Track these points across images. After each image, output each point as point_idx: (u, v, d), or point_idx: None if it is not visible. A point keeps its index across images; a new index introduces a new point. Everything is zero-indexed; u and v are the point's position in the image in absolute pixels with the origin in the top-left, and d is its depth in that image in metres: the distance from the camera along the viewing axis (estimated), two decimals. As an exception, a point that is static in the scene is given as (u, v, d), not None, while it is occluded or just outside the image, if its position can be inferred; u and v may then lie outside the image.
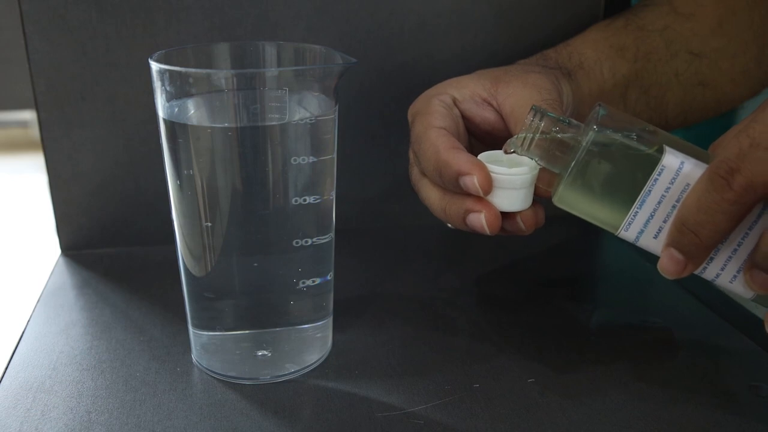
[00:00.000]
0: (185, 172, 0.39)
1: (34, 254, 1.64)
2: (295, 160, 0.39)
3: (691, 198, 0.35)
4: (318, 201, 0.41)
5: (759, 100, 0.56)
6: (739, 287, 0.37)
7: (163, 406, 0.40)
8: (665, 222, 0.37)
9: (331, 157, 0.41)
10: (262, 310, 0.42)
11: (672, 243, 0.36)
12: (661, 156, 0.36)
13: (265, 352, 0.43)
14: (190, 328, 0.44)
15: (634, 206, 0.37)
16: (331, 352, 0.45)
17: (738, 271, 0.37)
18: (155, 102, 0.40)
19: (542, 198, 0.41)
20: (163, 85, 0.39)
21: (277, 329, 0.43)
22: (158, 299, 0.51)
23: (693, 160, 0.36)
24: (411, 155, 0.45)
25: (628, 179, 0.37)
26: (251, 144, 0.38)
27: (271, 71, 0.42)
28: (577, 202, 0.38)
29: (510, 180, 0.39)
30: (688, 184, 0.35)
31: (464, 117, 0.46)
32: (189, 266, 0.42)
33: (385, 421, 0.39)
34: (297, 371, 0.43)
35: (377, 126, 0.62)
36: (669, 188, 0.36)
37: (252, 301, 0.42)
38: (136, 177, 0.58)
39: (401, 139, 0.63)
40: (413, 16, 0.59)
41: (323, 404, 0.41)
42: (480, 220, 0.39)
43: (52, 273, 0.56)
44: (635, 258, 0.58)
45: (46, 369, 0.44)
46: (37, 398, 0.41)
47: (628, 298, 0.54)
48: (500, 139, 0.43)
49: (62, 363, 0.44)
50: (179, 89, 0.39)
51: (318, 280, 0.42)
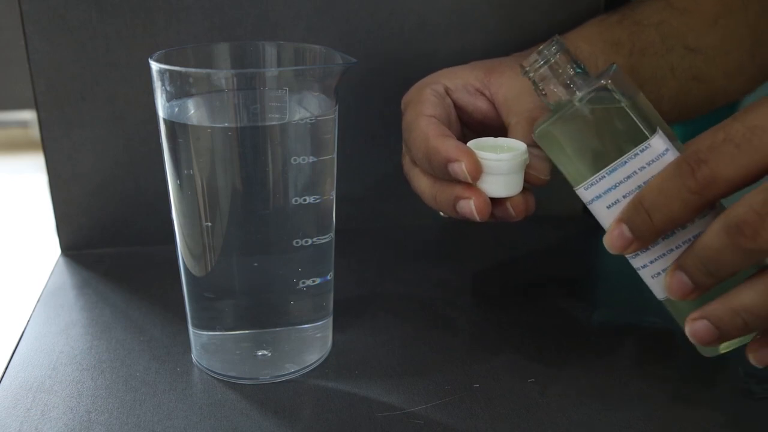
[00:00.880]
0: (185, 172, 0.39)
1: (34, 254, 1.64)
2: (295, 160, 0.39)
3: (655, 180, 0.35)
4: (318, 201, 0.41)
5: (754, 97, 0.56)
6: (657, 286, 0.38)
7: (163, 406, 0.40)
8: (624, 197, 0.37)
9: (331, 157, 0.41)
10: (262, 310, 0.42)
11: (624, 219, 0.36)
12: (652, 136, 0.36)
13: (265, 352, 0.43)
14: (190, 328, 0.44)
15: (604, 170, 0.37)
16: (331, 352, 0.45)
17: (663, 270, 0.37)
18: (155, 102, 0.40)
19: (533, 186, 0.41)
20: (163, 85, 0.39)
21: (277, 329, 0.43)
22: (158, 299, 0.51)
23: (676, 153, 0.36)
24: (403, 145, 0.45)
25: (611, 142, 0.37)
26: (251, 144, 0.38)
27: (271, 71, 0.42)
28: (553, 143, 0.38)
29: (498, 165, 0.39)
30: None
31: (457, 106, 0.46)
32: (189, 266, 0.42)
33: (385, 421, 0.39)
34: (297, 371, 0.43)
35: (377, 126, 0.62)
36: (644, 168, 0.36)
37: (252, 301, 0.42)
38: (136, 177, 0.58)
39: (401, 139, 0.63)
40: (413, 16, 0.59)
41: (323, 404, 0.41)
42: (470, 206, 0.40)
43: (52, 273, 0.56)
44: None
45: (46, 369, 0.44)
46: (37, 398, 0.41)
47: (628, 298, 0.54)
48: (493, 128, 0.44)
49: (62, 363, 0.44)
50: (179, 89, 0.39)
51: (318, 280, 0.42)
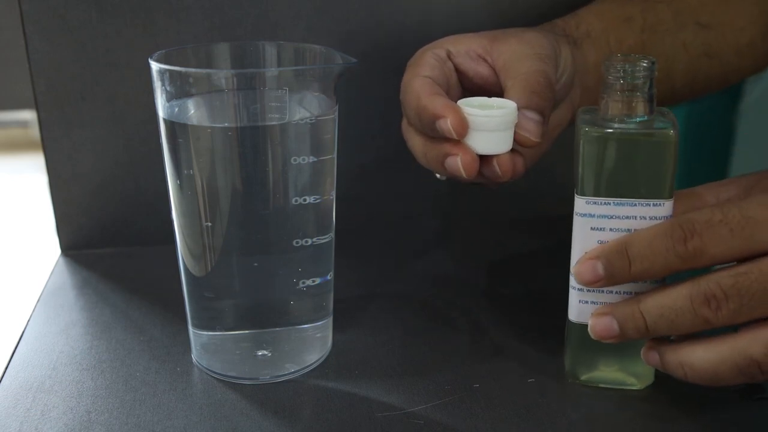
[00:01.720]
0: (185, 172, 0.39)
1: (34, 254, 1.64)
2: (295, 160, 0.39)
3: (646, 233, 0.36)
4: (318, 201, 0.41)
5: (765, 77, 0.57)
6: (578, 310, 0.40)
7: (163, 406, 0.40)
8: (611, 230, 0.38)
9: (331, 157, 0.41)
10: (262, 310, 0.42)
11: (602, 257, 0.36)
12: (669, 198, 0.37)
13: (265, 352, 0.43)
14: (190, 328, 0.44)
15: (613, 198, 0.38)
16: (331, 352, 0.45)
17: (592, 302, 0.39)
18: (155, 102, 0.40)
19: (523, 146, 0.42)
20: (163, 85, 0.39)
21: (277, 329, 0.43)
22: (158, 299, 0.51)
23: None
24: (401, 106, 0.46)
25: (637, 179, 0.37)
26: (251, 144, 0.38)
27: (271, 71, 0.42)
28: (594, 149, 0.38)
29: (485, 121, 0.39)
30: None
31: (458, 71, 0.46)
32: (189, 266, 0.41)
33: (385, 421, 0.39)
34: (297, 371, 0.43)
35: (377, 126, 0.62)
36: (644, 219, 0.37)
37: (252, 301, 0.42)
38: (136, 177, 0.58)
39: (401, 139, 0.63)
40: (413, 16, 0.59)
41: (323, 404, 0.41)
42: (456, 162, 0.40)
43: (52, 273, 0.56)
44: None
45: (46, 369, 0.44)
46: (37, 398, 0.41)
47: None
48: (493, 94, 0.44)
49: (62, 363, 0.44)
50: (179, 89, 0.39)
51: (318, 280, 0.42)
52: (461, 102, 0.41)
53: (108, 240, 0.59)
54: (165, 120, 0.39)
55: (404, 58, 0.60)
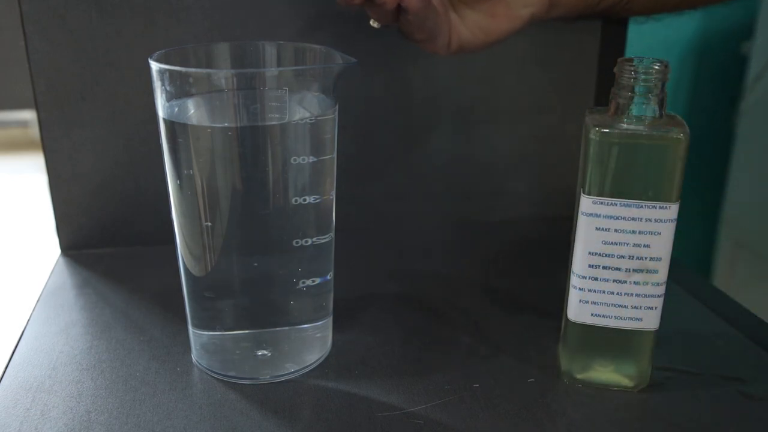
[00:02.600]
0: (185, 172, 0.39)
1: (34, 254, 1.64)
2: (295, 160, 0.39)
3: None
4: (318, 201, 0.41)
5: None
6: (581, 313, 0.40)
7: (162, 406, 0.40)
8: (616, 231, 0.38)
9: (331, 157, 0.41)
10: (262, 309, 0.42)
11: None
12: (676, 201, 0.38)
13: (265, 352, 0.43)
14: (190, 328, 0.44)
15: (621, 198, 0.38)
16: (331, 352, 0.45)
17: (594, 303, 0.40)
18: (155, 102, 0.40)
19: None
20: (163, 85, 0.39)
21: (277, 329, 0.43)
22: (158, 299, 0.51)
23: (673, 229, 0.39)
24: None
25: (646, 181, 0.38)
26: (251, 144, 0.38)
27: (271, 71, 0.42)
28: (603, 149, 0.38)
29: None
30: (660, 233, 0.38)
31: None
32: (189, 266, 0.41)
33: (385, 421, 0.39)
34: (297, 371, 0.43)
35: (377, 126, 0.62)
36: (649, 221, 0.38)
37: (252, 301, 0.42)
38: (136, 177, 0.58)
39: (401, 139, 0.63)
40: (413, 16, 0.59)
41: (323, 404, 0.41)
42: None
43: (52, 273, 0.56)
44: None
45: (46, 369, 0.44)
46: (37, 398, 0.41)
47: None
48: None
49: (62, 363, 0.44)
50: (179, 89, 0.39)
51: (318, 280, 0.42)
52: None
53: (108, 240, 0.59)
54: (165, 120, 0.39)
55: (404, 59, 0.60)
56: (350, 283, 0.52)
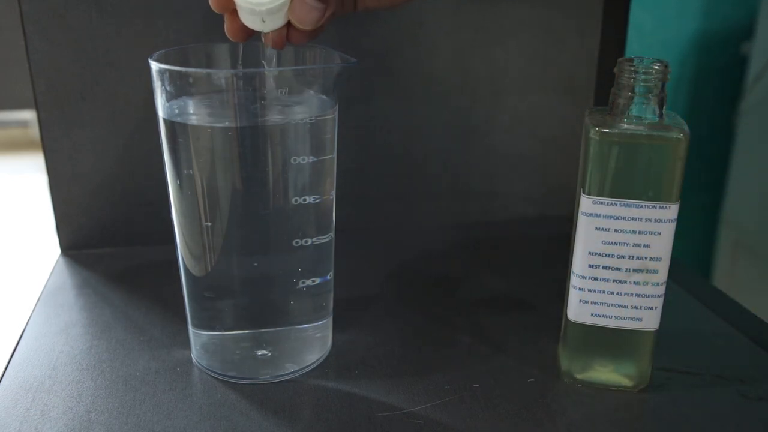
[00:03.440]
0: (185, 172, 0.39)
1: (34, 254, 1.64)
2: (295, 160, 0.39)
3: None
4: (318, 201, 0.41)
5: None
6: (581, 313, 0.40)
7: (163, 406, 0.40)
8: (616, 231, 0.38)
9: (331, 157, 0.41)
10: (262, 309, 0.42)
11: None
12: (676, 201, 0.38)
13: (265, 352, 0.43)
14: (190, 328, 0.44)
15: (620, 198, 0.38)
16: (331, 352, 0.45)
17: (594, 303, 0.40)
18: (155, 102, 0.40)
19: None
20: (163, 84, 0.39)
21: (277, 329, 0.43)
22: (158, 299, 0.51)
23: (673, 230, 0.39)
24: None
25: (646, 181, 0.38)
26: (251, 144, 0.38)
27: (271, 71, 0.42)
28: (603, 149, 0.38)
29: (247, 7, 0.40)
30: (660, 233, 0.38)
31: None
32: (189, 266, 0.41)
33: (385, 421, 0.39)
34: (297, 371, 0.43)
35: (377, 126, 0.62)
36: (649, 221, 0.38)
37: (252, 300, 0.42)
38: (136, 177, 0.58)
39: (401, 139, 0.63)
40: (413, 16, 0.59)
41: (323, 404, 0.41)
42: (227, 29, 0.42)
43: (52, 273, 0.56)
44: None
45: (46, 369, 0.44)
46: (37, 398, 0.41)
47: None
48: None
49: (62, 363, 0.44)
50: (179, 89, 0.39)
51: (318, 280, 0.42)
52: None
53: (108, 240, 0.59)
54: (165, 120, 0.39)
55: (404, 59, 0.60)
56: (350, 283, 0.52)
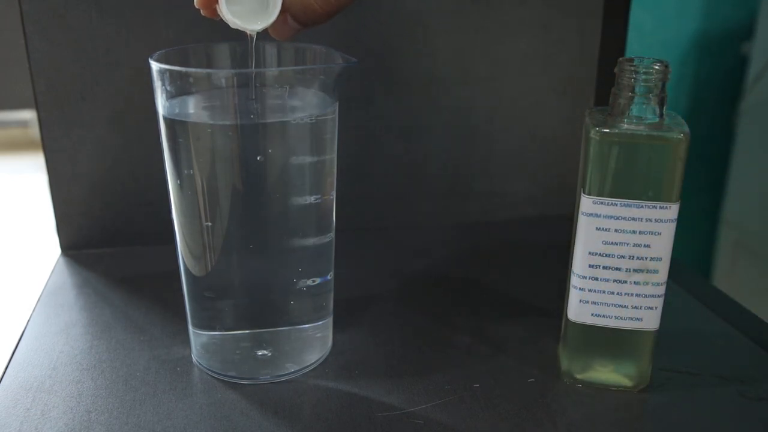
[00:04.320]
0: (185, 171, 0.39)
1: (34, 254, 1.64)
2: (295, 160, 0.39)
3: None
4: (318, 201, 0.41)
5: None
6: (581, 313, 0.40)
7: (163, 406, 0.40)
8: (616, 232, 0.38)
9: (331, 157, 0.41)
10: (262, 309, 0.42)
11: None
12: (676, 201, 0.38)
13: (265, 352, 0.43)
14: (190, 328, 0.44)
15: (621, 198, 0.38)
16: (331, 352, 0.45)
17: (594, 303, 0.40)
18: (155, 101, 0.40)
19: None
20: (163, 84, 0.39)
21: (277, 329, 0.43)
22: (158, 299, 0.51)
23: (673, 230, 0.39)
24: None
25: (646, 181, 0.38)
26: (251, 144, 0.38)
27: (271, 71, 0.42)
28: (603, 149, 0.38)
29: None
30: (660, 233, 0.38)
31: None
32: (189, 266, 0.41)
33: (385, 421, 0.39)
34: (297, 371, 0.43)
35: (377, 126, 0.62)
36: (650, 221, 0.38)
37: (252, 300, 0.42)
38: (136, 177, 0.58)
39: (401, 139, 0.63)
40: (413, 16, 0.59)
41: (323, 404, 0.41)
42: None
43: (52, 273, 0.56)
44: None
45: (46, 369, 0.44)
46: (37, 398, 0.41)
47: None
48: None
49: (62, 363, 0.44)
50: (179, 89, 0.39)
51: (318, 280, 0.42)
52: None
53: (108, 240, 0.59)
54: (165, 120, 0.39)
55: (404, 58, 0.60)
56: (350, 283, 0.52)
